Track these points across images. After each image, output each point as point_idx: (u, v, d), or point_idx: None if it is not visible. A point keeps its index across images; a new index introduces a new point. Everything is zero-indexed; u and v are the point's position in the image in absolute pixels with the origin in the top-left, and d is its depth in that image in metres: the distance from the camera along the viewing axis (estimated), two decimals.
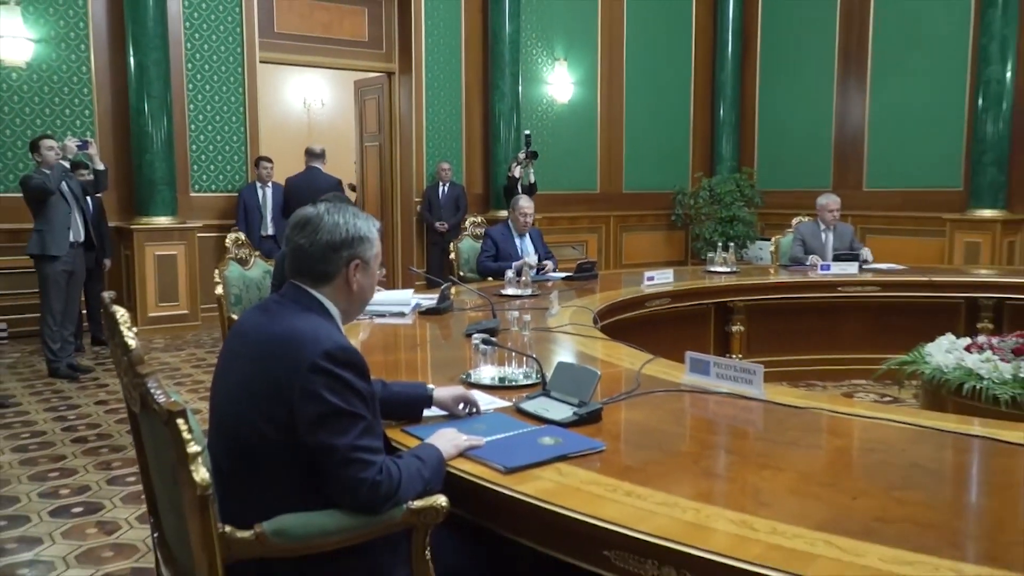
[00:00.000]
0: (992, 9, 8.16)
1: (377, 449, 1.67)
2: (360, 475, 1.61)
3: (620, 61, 10.26)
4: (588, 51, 10.01)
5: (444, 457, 1.82)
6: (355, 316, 1.96)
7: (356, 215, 1.85)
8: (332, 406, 1.61)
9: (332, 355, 1.64)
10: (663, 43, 10.55)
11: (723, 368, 2.56)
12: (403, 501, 1.65)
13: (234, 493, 1.63)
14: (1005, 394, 3.43)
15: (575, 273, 5.50)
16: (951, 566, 1.38)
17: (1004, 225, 8.22)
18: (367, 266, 1.85)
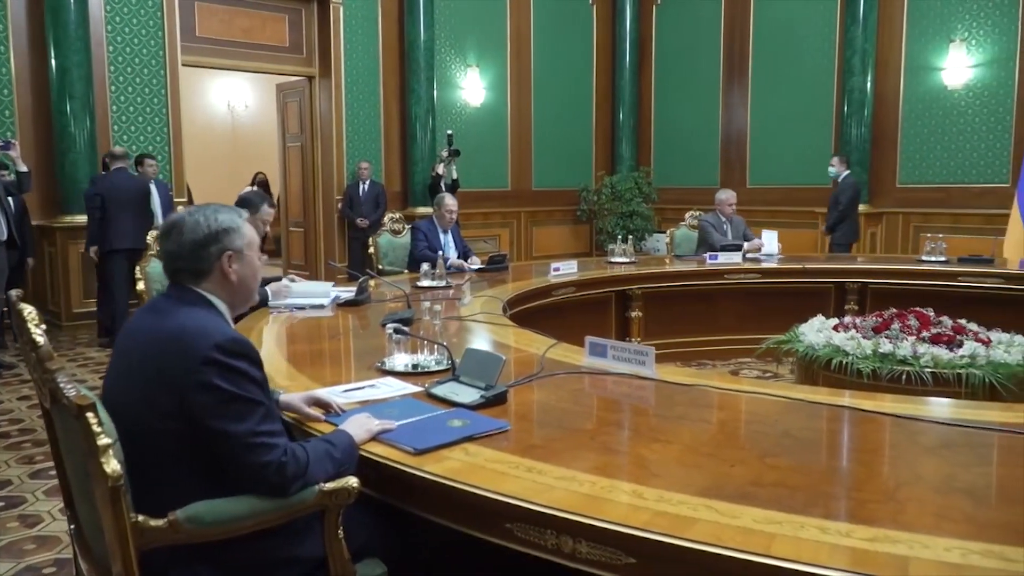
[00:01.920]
0: (854, 26, 8.49)
1: (278, 432, 1.63)
2: (265, 459, 1.57)
3: (528, 68, 10.29)
4: (498, 58, 10.00)
5: (356, 441, 1.79)
6: (244, 305, 1.89)
7: (217, 210, 1.79)
8: (229, 395, 1.56)
9: (223, 347, 1.59)
10: (567, 52, 10.62)
11: (619, 351, 2.60)
12: (312, 482, 1.62)
13: (147, 484, 1.57)
14: (867, 368, 3.59)
15: (487, 265, 5.50)
16: (816, 523, 1.42)
17: (867, 218, 8.57)
18: (241, 255, 1.78)
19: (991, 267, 5.61)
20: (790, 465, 1.75)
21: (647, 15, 10.81)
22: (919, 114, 8.50)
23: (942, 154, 8.37)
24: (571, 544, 1.49)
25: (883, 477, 1.74)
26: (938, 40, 8.26)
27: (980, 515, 1.47)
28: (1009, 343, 3.74)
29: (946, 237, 6.55)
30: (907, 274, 5.72)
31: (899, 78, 8.58)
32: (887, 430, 2.03)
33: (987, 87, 8.01)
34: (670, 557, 1.38)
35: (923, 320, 3.89)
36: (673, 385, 2.38)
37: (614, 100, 10.98)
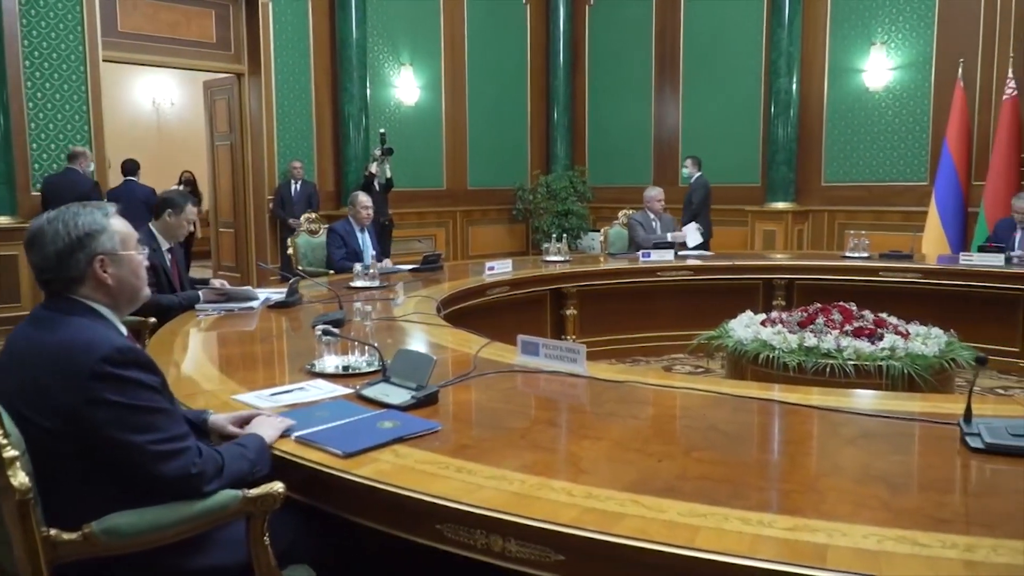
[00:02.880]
0: (780, 29, 8.71)
1: (184, 435, 1.58)
2: (176, 465, 1.52)
3: (462, 67, 10.26)
4: (432, 57, 9.95)
5: (267, 441, 1.76)
6: (131, 306, 1.76)
7: (77, 214, 1.65)
8: (125, 407, 1.50)
9: (110, 358, 1.51)
10: (501, 52, 10.63)
11: (551, 349, 2.61)
12: (228, 483, 1.58)
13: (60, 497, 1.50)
14: (793, 361, 3.68)
15: (421, 265, 5.47)
16: (739, 515, 1.45)
17: (794, 215, 8.81)
18: (115, 256, 1.66)
19: (910, 263, 5.81)
20: (716, 458, 1.79)
21: (580, 16, 10.89)
22: (842, 115, 8.76)
23: (864, 154, 8.65)
24: (501, 543, 1.49)
25: (805, 468, 1.78)
26: (859, 43, 8.53)
27: (895, 502, 1.52)
28: (926, 335, 3.88)
29: (869, 234, 6.76)
30: (832, 270, 5.89)
31: (823, 80, 8.83)
32: (810, 422, 2.08)
33: (906, 89, 8.31)
34: (598, 553, 1.40)
35: (846, 314, 4.01)
36: (604, 382, 2.41)
37: (549, 100, 11.04)
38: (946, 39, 7.96)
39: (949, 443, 1.86)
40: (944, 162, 7.62)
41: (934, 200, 7.65)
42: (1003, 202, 6.78)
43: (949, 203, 7.57)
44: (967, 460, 1.76)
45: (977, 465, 1.74)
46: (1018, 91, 7.27)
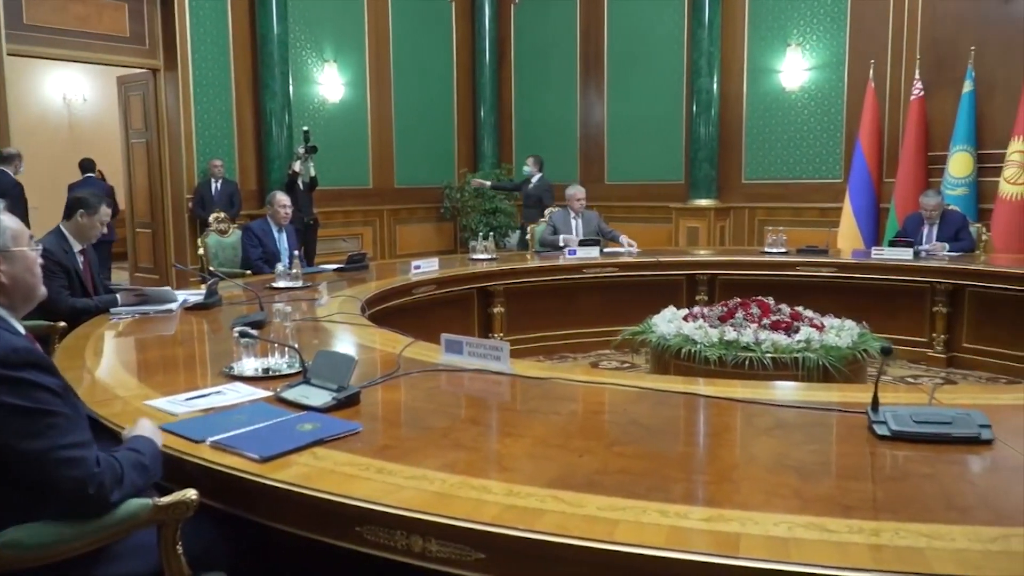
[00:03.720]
0: (700, 30, 8.89)
1: (85, 443, 1.50)
2: (75, 473, 1.45)
3: (387, 65, 10.16)
4: (356, 54, 9.82)
5: (159, 444, 1.71)
6: (28, 304, 1.70)
7: None
8: (19, 410, 1.43)
9: (5, 359, 1.45)
10: (427, 49, 10.56)
11: (474, 347, 2.61)
12: (130, 493, 1.52)
13: None
14: (713, 355, 3.76)
15: (346, 265, 5.39)
16: (657, 507, 1.48)
17: (716, 212, 9.01)
18: (7, 253, 1.62)
19: (826, 257, 6.00)
20: (636, 452, 1.81)
21: (506, 14, 10.91)
22: (761, 114, 8.99)
23: (782, 152, 8.89)
24: (421, 543, 1.48)
25: (721, 459, 1.82)
26: (776, 44, 8.77)
27: (806, 490, 1.57)
28: (840, 328, 4.01)
29: (787, 230, 6.97)
30: (751, 265, 6.05)
31: (742, 80, 9.05)
32: (727, 414, 2.13)
33: (820, 89, 8.57)
34: (518, 550, 1.40)
35: (764, 308, 4.12)
36: (527, 379, 2.42)
37: (475, 98, 11.02)
38: (858, 41, 8.25)
39: (858, 431, 1.93)
40: (857, 160, 7.90)
41: (848, 197, 7.93)
42: (912, 198, 7.06)
43: (862, 200, 7.86)
44: (875, 447, 1.83)
45: (883, 452, 1.80)
46: (924, 92, 7.58)
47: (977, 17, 7.44)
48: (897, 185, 7.64)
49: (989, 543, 1.33)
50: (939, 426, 1.84)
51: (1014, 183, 6.94)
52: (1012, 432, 1.89)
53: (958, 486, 1.59)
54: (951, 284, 5.47)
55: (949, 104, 7.47)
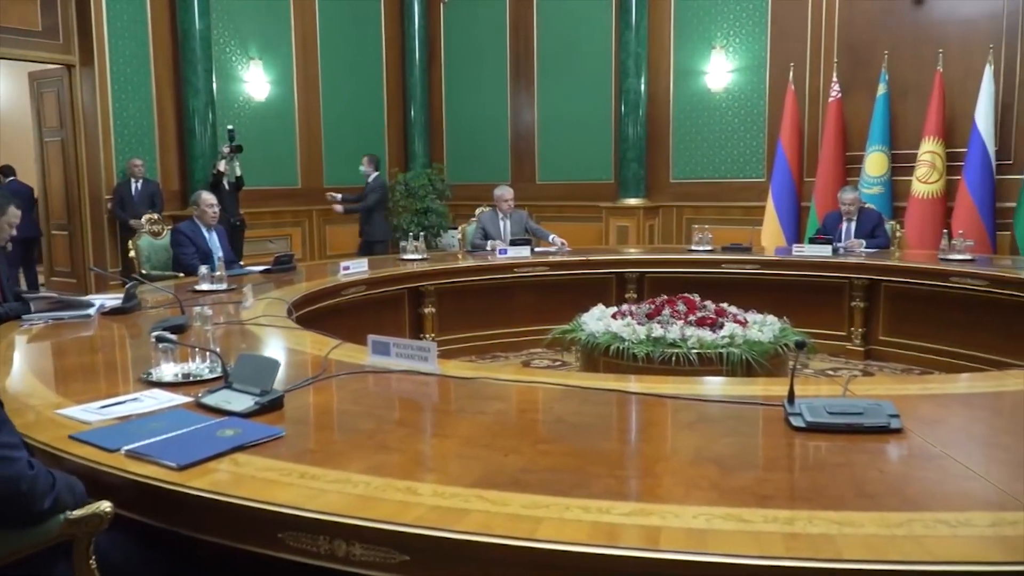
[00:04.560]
0: (628, 31, 9.01)
1: (16, 445, 1.44)
2: (8, 471, 1.38)
3: (315, 63, 10.01)
4: (282, 51, 9.65)
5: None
6: None
7: None
8: None
9: None
10: (355, 48, 10.45)
11: (402, 348, 2.59)
12: (59, 506, 1.46)
13: None
14: (641, 352, 3.82)
15: (273, 266, 5.30)
16: (580, 504, 1.49)
17: (645, 211, 9.15)
18: None
19: (749, 254, 6.16)
20: (561, 450, 1.83)
21: (435, 12, 10.87)
22: (687, 115, 9.16)
23: (708, 152, 9.08)
24: (344, 548, 1.46)
25: (644, 454, 1.86)
26: (701, 46, 8.95)
27: (724, 482, 1.61)
28: (762, 323, 4.12)
29: (713, 228, 7.11)
30: (679, 263, 6.16)
31: (669, 81, 9.20)
32: (651, 410, 2.16)
33: (743, 91, 8.79)
34: (442, 550, 1.40)
35: (690, 305, 4.20)
36: (455, 379, 2.41)
37: (406, 97, 10.95)
38: (778, 45, 8.48)
39: (776, 424, 1.98)
40: (779, 160, 8.12)
41: (771, 195, 8.15)
42: (831, 197, 7.29)
43: (784, 198, 8.08)
44: (791, 439, 1.89)
45: (799, 443, 1.86)
46: (842, 94, 7.84)
47: (889, 22, 7.73)
48: (817, 184, 7.89)
49: (895, 528, 1.39)
50: (851, 417, 1.91)
51: (926, 182, 7.24)
52: (919, 421, 1.97)
53: (868, 474, 1.65)
54: (867, 280, 5.67)
55: (865, 106, 7.75)
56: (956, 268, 5.21)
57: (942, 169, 7.20)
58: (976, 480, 1.62)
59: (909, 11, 7.63)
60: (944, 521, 1.41)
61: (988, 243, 6.87)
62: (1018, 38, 7.08)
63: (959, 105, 7.28)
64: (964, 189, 7.00)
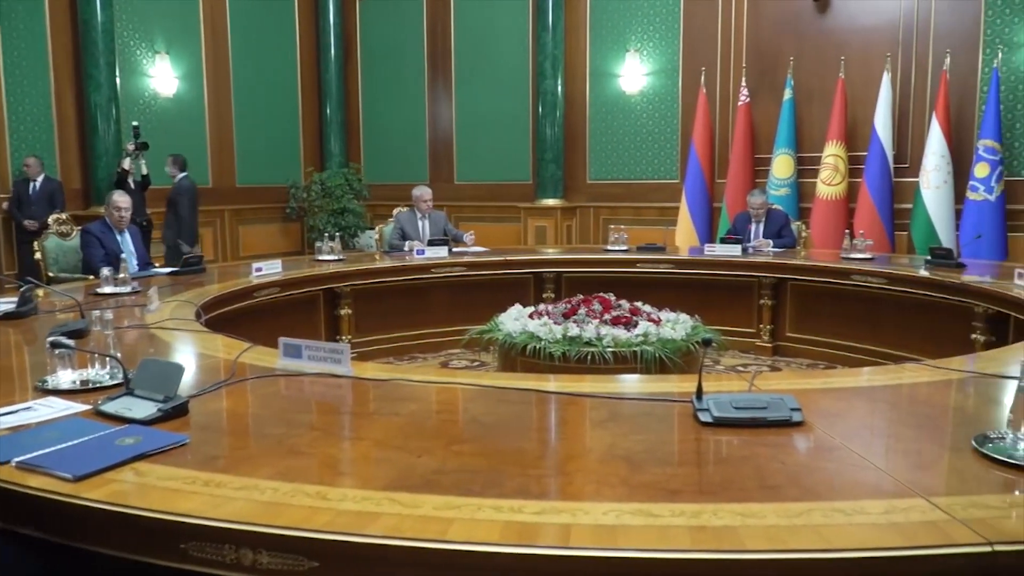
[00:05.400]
0: (545, 33, 9.09)
1: None
2: None
3: (225, 58, 9.75)
4: (191, 46, 9.37)
5: None
6: None
7: None
8: None
9: None
10: (268, 44, 10.22)
11: (314, 350, 2.55)
12: None
13: None
14: (558, 351, 3.86)
15: (181, 268, 5.14)
16: (491, 503, 1.49)
17: (563, 212, 9.25)
18: None
19: (663, 254, 6.30)
20: (474, 450, 1.83)
21: (351, 9, 10.73)
22: (603, 116, 9.30)
23: (623, 153, 9.24)
24: (251, 556, 1.42)
25: (556, 452, 1.87)
26: (616, 49, 9.10)
27: (634, 478, 1.63)
28: (675, 321, 4.22)
29: (629, 228, 7.24)
30: (595, 263, 6.26)
31: (585, 83, 9.33)
32: (564, 408, 2.18)
33: (657, 93, 8.97)
34: (351, 555, 1.38)
35: (605, 304, 4.27)
36: (368, 381, 2.39)
37: (321, 94, 10.77)
38: (690, 49, 8.69)
39: (685, 419, 2.03)
40: (692, 162, 8.33)
41: (684, 196, 8.35)
42: (741, 198, 7.52)
43: (697, 199, 8.30)
44: (699, 434, 1.93)
45: (706, 438, 1.91)
46: (750, 98, 8.09)
47: (794, 29, 8.02)
48: (728, 185, 8.12)
49: (795, 518, 1.43)
50: (756, 411, 1.97)
51: (830, 184, 7.54)
52: (819, 414, 2.05)
53: (771, 466, 1.70)
54: (775, 278, 5.87)
55: (772, 110, 8.02)
56: (857, 267, 5.44)
57: (844, 172, 7.51)
58: (872, 470, 1.69)
59: (813, 19, 7.93)
60: (841, 510, 1.47)
61: (887, 242, 7.20)
62: (913, 47, 7.45)
63: (860, 110, 7.61)
64: (865, 191, 7.32)
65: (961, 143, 7.16)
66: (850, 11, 7.76)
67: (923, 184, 7.06)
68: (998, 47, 6.97)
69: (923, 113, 7.43)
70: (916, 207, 7.14)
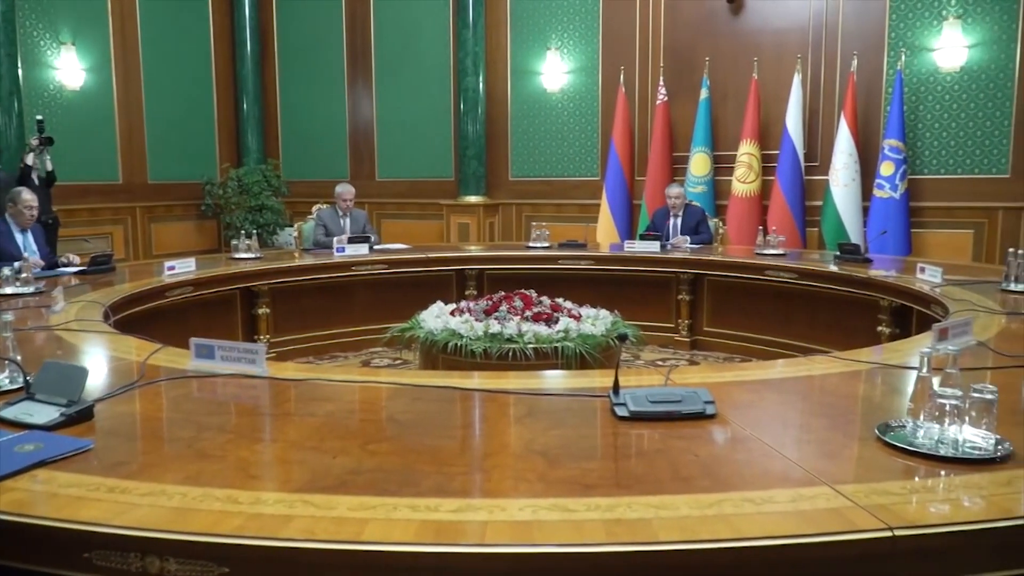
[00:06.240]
0: (466, 30, 9.07)
1: None
2: None
3: (135, 50, 9.39)
4: (99, 37, 8.99)
5: None
6: None
7: None
8: None
9: None
10: (180, 36, 9.89)
11: (227, 351, 2.48)
12: None
13: None
14: (479, 348, 3.86)
15: (89, 267, 4.94)
16: (408, 502, 1.49)
17: (485, 209, 9.25)
18: None
19: (584, 251, 6.36)
20: (390, 449, 1.81)
21: (267, 2, 10.48)
22: (525, 114, 9.33)
23: (545, 151, 9.29)
24: (159, 564, 1.38)
25: (474, 449, 1.87)
26: (537, 47, 9.14)
27: (551, 473, 1.65)
28: (595, 317, 4.26)
29: (551, 225, 7.30)
30: (517, 259, 6.28)
31: (507, 80, 9.34)
32: (483, 405, 2.19)
33: (578, 91, 9.05)
34: (263, 559, 1.35)
35: (526, 301, 4.29)
36: (284, 381, 2.34)
37: (237, 89, 10.48)
38: (609, 48, 8.80)
39: (603, 414, 2.06)
40: (612, 159, 8.44)
41: (605, 194, 8.46)
42: (660, 195, 7.65)
43: (617, 196, 8.41)
44: (616, 428, 1.96)
45: (623, 432, 1.94)
46: (668, 97, 8.25)
47: (710, 30, 8.20)
48: (647, 183, 8.26)
49: (706, 508, 1.47)
50: (670, 404, 2.01)
51: (744, 182, 7.74)
52: (731, 406, 2.11)
53: (684, 458, 1.74)
54: (692, 274, 6.00)
55: (689, 109, 8.19)
56: (770, 262, 5.61)
57: (758, 170, 7.73)
58: (780, 460, 1.75)
59: (727, 21, 8.13)
60: (751, 500, 1.51)
61: (799, 239, 7.44)
62: (822, 49, 7.71)
63: (772, 110, 7.84)
64: (777, 188, 7.55)
65: (868, 142, 7.45)
66: (763, 13, 7.98)
67: (832, 182, 7.32)
68: (901, 50, 7.28)
69: (832, 113, 7.70)
70: (826, 204, 7.40)
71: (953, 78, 7.17)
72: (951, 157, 7.27)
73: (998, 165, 7.11)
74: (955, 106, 7.20)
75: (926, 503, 1.51)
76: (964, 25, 7.06)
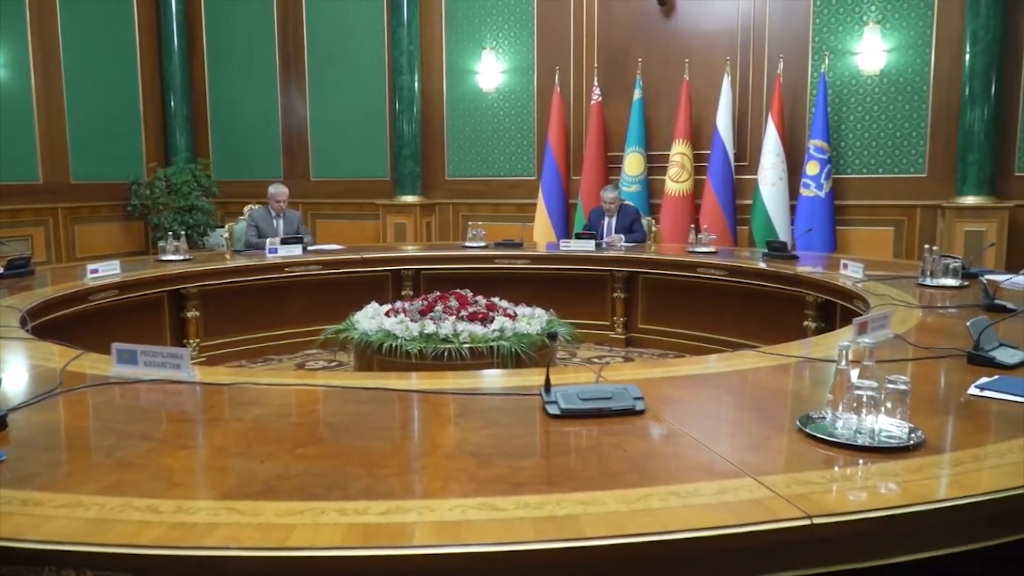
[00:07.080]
0: (400, 28, 9.00)
1: None
2: None
3: (55, 46, 9.05)
4: (16, 32, 8.64)
5: None
6: None
7: None
8: None
9: None
10: (103, 31, 9.56)
11: (150, 356, 2.41)
12: None
13: None
14: (414, 348, 3.84)
15: (5, 271, 4.75)
16: (336, 506, 1.47)
17: (422, 208, 9.20)
18: None
19: (521, 250, 6.38)
20: (320, 452, 1.79)
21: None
22: (461, 113, 9.31)
23: (482, 150, 9.29)
24: None
25: (405, 451, 1.86)
26: (472, 46, 9.13)
27: (481, 473, 1.65)
28: (531, 316, 4.28)
29: (488, 225, 7.31)
30: (453, 259, 6.27)
31: (442, 79, 9.30)
32: (415, 406, 2.18)
33: (513, 91, 9.07)
34: (184, 569, 1.32)
35: (462, 301, 4.28)
36: (211, 386, 2.29)
37: (164, 86, 10.21)
38: (544, 48, 8.84)
39: (535, 412, 2.07)
40: (548, 159, 8.48)
41: (541, 193, 8.50)
42: (596, 194, 7.72)
43: (553, 196, 8.46)
44: (547, 426, 1.97)
45: (554, 429, 1.95)
46: (602, 97, 8.33)
47: (642, 31, 8.31)
48: (582, 182, 8.32)
49: (633, 503, 1.49)
50: (601, 401, 2.03)
51: (677, 181, 7.87)
52: (660, 402, 2.14)
53: (614, 454, 1.76)
54: (627, 272, 6.08)
55: (623, 109, 8.29)
56: (702, 260, 5.72)
57: (691, 169, 7.87)
58: (707, 453, 1.78)
59: (659, 22, 8.25)
60: (676, 493, 1.54)
61: (730, 237, 7.60)
62: (751, 52, 7.89)
63: (703, 111, 7.99)
64: (709, 188, 7.70)
65: (794, 143, 7.65)
66: (693, 16, 8.12)
67: (761, 181, 7.50)
68: (825, 53, 7.49)
69: (760, 114, 7.88)
70: (755, 203, 7.57)
71: (874, 81, 7.42)
72: (872, 157, 7.52)
73: (916, 165, 7.39)
74: (876, 108, 7.45)
75: (844, 491, 1.56)
76: (883, 30, 7.31)
